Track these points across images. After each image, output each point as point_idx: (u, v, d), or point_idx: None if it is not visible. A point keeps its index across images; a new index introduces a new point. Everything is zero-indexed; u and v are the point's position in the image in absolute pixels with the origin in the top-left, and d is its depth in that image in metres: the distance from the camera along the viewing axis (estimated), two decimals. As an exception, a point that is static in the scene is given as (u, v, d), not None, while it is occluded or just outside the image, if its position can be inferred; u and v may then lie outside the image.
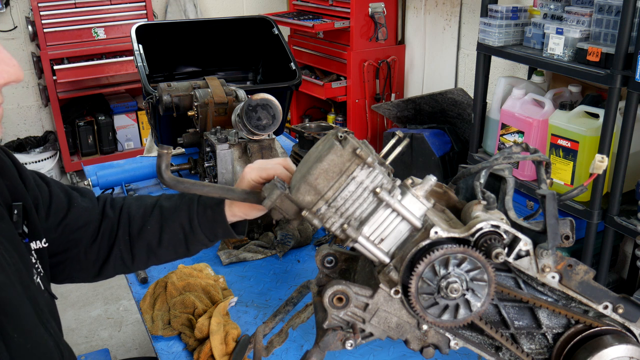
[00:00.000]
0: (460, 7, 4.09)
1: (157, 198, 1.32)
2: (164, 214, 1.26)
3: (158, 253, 1.29)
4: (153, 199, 1.33)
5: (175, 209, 1.26)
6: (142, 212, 1.28)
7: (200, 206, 1.24)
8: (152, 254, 1.29)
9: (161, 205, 1.28)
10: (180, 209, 1.25)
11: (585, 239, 2.67)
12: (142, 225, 1.27)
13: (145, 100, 2.42)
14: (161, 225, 1.26)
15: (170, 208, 1.27)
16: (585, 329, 0.99)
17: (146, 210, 1.28)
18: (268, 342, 1.14)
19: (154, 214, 1.27)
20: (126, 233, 1.27)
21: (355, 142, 0.94)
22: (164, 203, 1.29)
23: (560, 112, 2.68)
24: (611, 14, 2.45)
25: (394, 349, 1.48)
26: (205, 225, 1.24)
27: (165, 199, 1.31)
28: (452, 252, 0.89)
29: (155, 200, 1.31)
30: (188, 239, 1.26)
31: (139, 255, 1.29)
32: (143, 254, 1.29)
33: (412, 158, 3.79)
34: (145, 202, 1.31)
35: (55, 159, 5.02)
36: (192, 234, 1.25)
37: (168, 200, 1.29)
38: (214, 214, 1.23)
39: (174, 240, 1.26)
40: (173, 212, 1.26)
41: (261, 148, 1.85)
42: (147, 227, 1.26)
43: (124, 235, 1.27)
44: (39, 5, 4.48)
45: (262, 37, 2.97)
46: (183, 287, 1.63)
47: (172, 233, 1.25)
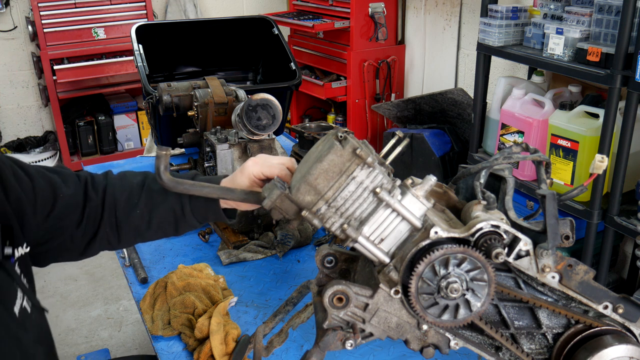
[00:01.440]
0: (460, 7, 4.09)
1: (143, 177, 1.28)
2: (153, 198, 1.24)
3: (146, 235, 1.27)
4: (138, 177, 1.28)
5: (165, 192, 1.22)
6: (128, 195, 1.24)
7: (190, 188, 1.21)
8: (140, 235, 1.27)
9: (150, 188, 1.25)
10: (170, 193, 1.21)
11: (585, 239, 2.67)
12: (130, 209, 1.24)
13: (145, 100, 2.42)
14: (150, 210, 1.23)
15: (159, 191, 1.23)
16: (585, 329, 0.99)
17: (132, 193, 1.25)
18: (268, 342, 1.14)
19: (143, 197, 1.24)
20: (112, 216, 1.24)
21: (355, 142, 0.94)
22: (152, 185, 1.25)
23: (560, 112, 2.68)
24: (611, 14, 2.45)
25: (394, 349, 1.48)
26: (197, 210, 1.23)
27: (152, 180, 1.26)
28: (452, 252, 0.89)
29: (142, 180, 1.27)
30: (178, 222, 1.25)
31: (125, 236, 1.26)
32: (130, 235, 1.26)
33: (412, 158, 3.79)
34: (131, 183, 1.26)
35: (55, 159, 5.02)
36: (183, 218, 1.24)
37: (156, 182, 1.24)
38: (207, 200, 1.22)
39: (164, 224, 1.25)
40: (163, 196, 1.23)
41: (261, 148, 1.85)
42: (136, 211, 1.23)
43: (110, 218, 1.24)
44: (39, 5, 4.48)
45: (262, 37, 2.97)
46: (183, 287, 1.63)
47: (163, 217, 1.24)
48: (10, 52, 4.88)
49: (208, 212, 1.24)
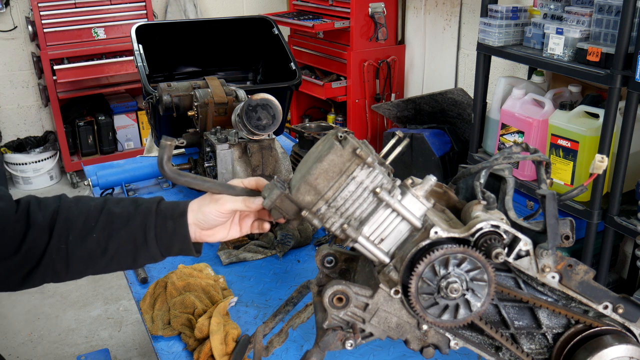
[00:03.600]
0: (460, 7, 4.09)
1: (103, 201, 1.15)
2: (113, 222, 1.10)
3: (99, 264, 1.13)
4: (98, 201, 1.15)
5: (127, 216, 1.11)
6: (85, 218, 1.11)
7: (159, 217, 1.11)
8: (92, 264, 1.12)
9: (110, 211, 1.11)
10: (133, 218, 1.10)
11: (585, 239, 2.67)
12: (85, 234, 1.10)
13: (145, 100, 2.42)
14: (109, 235, 1.10)
15: (121, 215, 1.11)
16: (585, 329, 0.99)
17: (90, 215, 1.11)
18: (268, 342, 1.14)
19: (101, 220, 1.10)
20: (62, 241, 1.09)
21: (355, 142, 0.94)
22: (113, 208, 1.12)
23: (560, 112, 2.68)
24: (611, 14, 2.45)
25: (394, 349, 1.48)
26: (162, 239, 1.11)
27: (114, 203, 1.14)
28: (452, 252, 0.89)
29: (102, 203, 1.14)
30: (138, 252, 1.11)
31: (75, 265, 1.11)
32: (81, 264, 1.12)
33: (412, 158, 3.79)
34: (88, 206, 1.13)
35: (55, 159, 5.02)
36: (144, 247, 1.11)
37: (118, 205, 1.13)
38: (175, 226, 1.10)
39: (121, 252, 1.11)
40: (125, 220, 1.10)
41: (261, 148, 1.85)
42: (92, 235, 1.10)
43: (60, 244, 1.09)
44: (39, 5, 4.48)
45: (262, 37, 2.97)
46: (183, 287, 1.63)
47: (121, 244, 1.10)
48: (10, 52, 4.88)
49: (174, 242, 1.12)
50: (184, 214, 1.11)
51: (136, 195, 2.33)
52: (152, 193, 2.36)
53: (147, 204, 1.13)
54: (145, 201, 1.14)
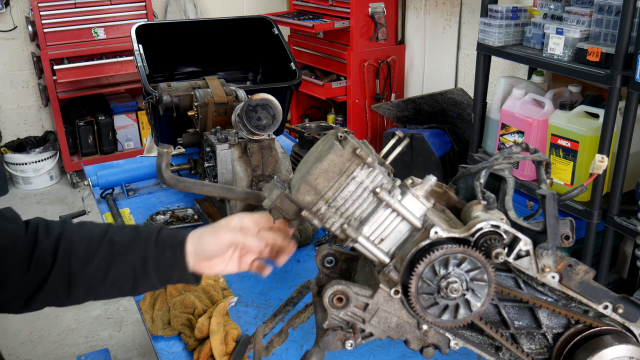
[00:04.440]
0: (460, 7, 4.09)
1: (105, 228, 1.16)
2: (114, 250, 1.12)
3: (99, 291, 1.14)
4: (100, 227, 1.17)
5: (128, 245, 1.12)
6: (87, 244, 1.12)
7: (158, 246, 1.12)
8: (93, 291, 1.14)
9: (111, 239, 1.13)
10: (133, 246, 1.12)
11: (585, 239, 2.67)
12: (87, 259, 1.11)
13: (145, 100, 2.42)
14: (110, 262, 1.11)
15: (122, 243, 1.13)
16: (585, 329, 0.99)
17: (92, 242, 1.13)
18: (268, 342, 1.14)
19: (102, 247, 1.12)
20: (66, 265, 1.11)
21: (355, 142, 0.94)
22: (114, 236, 1.14)
23: (560, 112, 2.68)
24: (611, 14, 2.45)
25: (394, 349, 1.48)
26: (161, 268, 1.12)
27: (115, 231, 1.15)
28: (452, 252, 0.89)
29: (104, 230, 1.15)
30: (138, 280, 1.13)
31: (77, 291, 1.13)
32: (82, 290, 1.13)
33: (412, 158, 3.78)
34: (91, 232, 1.15)
35: (55, 159, 5.02)
36: (144, 276, 1.12)
37: (119, 233, 1.14)
38: (174, 256, 1.11)
39: (121, 280, 1.13)
40: (125, 248, 1.12)
41: (261, 148, 1.85)
42: (94, 262, 1.11)
43: (63, 268, 1.11)
44: (39, 5, 4.48)
45: (262, 37, 2.97)
46: (183, 287, 1.64)
47: (121, 272, 1.12)
48: (10, 52, 4.88)
49: (173, 272, 1.13)
50: (182, 244, 1.11)
51: (136, 196, 2.33)
52: (152, 193, 2.36)
53: (148, 232, 1.14)
54: (146, 229, 1.15)
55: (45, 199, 4.80)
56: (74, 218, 2.37)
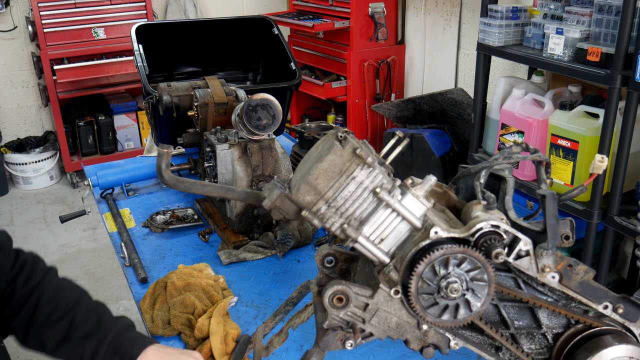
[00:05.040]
0: (460, 7, 4.09)
1: (76, 299, 1.20)
2: (72, 330, 1.15)
3: (48, 355, 1.19)
4: (73, 296, 1.20)
5: (86, 334, 1.15)
6: (51, 309, 1.17)
7: (109, 348, 1.14)
8: (43, 352, 1.20)
9: (73, 319, 1.16)
10: (89, 338, 1.15)
11: (585, 239, 2.67)
12: (45, 325, 1.16)
13: (145, 100, 2.42)
14: (63, 338, 1.16)
15: (80, 328, 1.15)
16: (585, 329, 0.99)
17: (56, 310, 1.17)
18: (268, 342, 1.15)
19: (63, 322, 1.16)
20: (26, 320, 1.17)
21: (355, 142, 0.94)
22: (78, 315, 1.16)
23: (560, 112, 2.68)
24: (611, 14, 2.45)
25: (394, 349, 1.48)
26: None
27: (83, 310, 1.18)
28: (452, 252, 0.89)
29: (74, 302, 1.18)
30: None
31: (29, 343, 1.20)
32: (34, 346, 1.20)
33: (412, 158, 3.78)
34: (60, 300, 1.18)
35: (55, 159, 5.02)
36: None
37: (85, 315, 1.17)
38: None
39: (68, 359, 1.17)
40: (83, 335, 1.15)
41: (261, 148, 1.85)
42: (49, 332, 1.16)
43: (24, 320, 1.17)
44: (39, 5, 4.48)
45: (262, 37, 2.97)
46: (183, 287, 1.63)
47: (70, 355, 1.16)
48: (10, 52, 4.88)
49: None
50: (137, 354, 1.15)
51: (136, 196, 2.33)
52: (152, 193, 2.36)
53: (108, 328, 1.17)
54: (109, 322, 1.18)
55: (45, 199, 4.80)
56: (74, 218, 2.38)
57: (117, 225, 2.09)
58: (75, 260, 3.99)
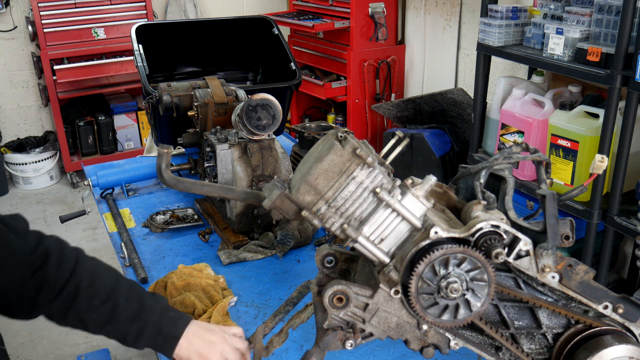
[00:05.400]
0: (460, 7, 4.09)
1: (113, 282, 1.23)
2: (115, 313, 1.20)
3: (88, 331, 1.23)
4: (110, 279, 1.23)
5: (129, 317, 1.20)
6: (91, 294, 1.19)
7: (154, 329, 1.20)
8: (83, 328, 1.23)
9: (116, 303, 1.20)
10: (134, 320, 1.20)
11: (585, 239, 2.67)
12: (87, 310, 1.19)
13: (145, 100, 2.42)
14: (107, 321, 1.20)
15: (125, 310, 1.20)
16: (585, 329, 0.99)
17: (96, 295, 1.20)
18: (268, 342, 1.15)
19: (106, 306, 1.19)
20: (64, 306, 1.19)
21: (355, 142, 0.94)
22: (120, 299, 1.20)
23: (560, 112, 2.67)
24: (611, 14, 2.45)
25: (394, 349, 1.48)
26: (149, 344, 1.22)
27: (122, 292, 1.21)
28: (452, 252, 0.89)
29: (112, 286, 1.22)
30: (125, 342, 1.23)
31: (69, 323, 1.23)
32: (75, 325, 1.22)
33: (412, 158, 3.78)
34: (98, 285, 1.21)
35: (55, 159, 5.02)
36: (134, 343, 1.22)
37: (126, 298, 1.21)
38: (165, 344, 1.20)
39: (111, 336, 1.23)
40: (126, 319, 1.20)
41: (261, 148, 1.85)
42: (92, 315, 1.20)
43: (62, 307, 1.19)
44: (39, 5, 4.48)
45: (262, 37, 2.97)
46: (183, 287, 1.63)
47: (114, 333, 1.22)
48: (10, 52, 4.88)
49: (158, 349, 1.23)
50: (177, 339, 1.20)
51: (136, 196, 2.33)
52: (152, 193, 2.36)
53: (150, 309, 1.21)
54: (149, 304, 1.22)
55: (45, 199, 4.80)
56: (74, 218, 2.38)
57: (117, 225, 2.09)
58: (75, 260, 3.99)
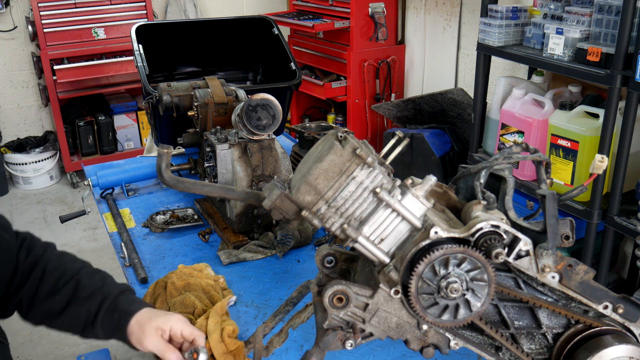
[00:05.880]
0: (460, 7, 4.09)
1: (79, 268, 1.27)
2: (77, 291, 1.22)
3: (53, 322, 1.25)
4: (76, 266, 1.27)
5: (91, 292, 1.22)
6: (57, 277, 1.23)
7: (112, 303, 1.22)
8: (47, 320, 1.25)
9: (79, 280, 1.23)
10: (95, 295, 1.22)
11: (585, 239, 2.67)
12: (51, 292, 1.22)
13: (145, 100, 2.42)
14: (69, 301, 1.22)
15: (86, 287, 1.22)
16: (585, 329, 0.99)
17: (62, 277, 1.23)
18: (268, 342, 1.14)
19: (68, 285, 1.22)
20: (32, 290, 1.23)
21: (355, 142, 0.94)
22: (83, 279, 1.24)
23: (560, 112, 2.68)
24: (611, 14, 2.45)
25: (394, 349, 1.48)
26: (106, 325, 1.22)
27: (86, 274, 1.25)
28: (452, 252, 0.89)
29: (78, 269, 1.26)
30: (86, 327, 1.23)
31: (33, 314, 1.25)
32: (38, 315, 1.25)
33: (412, 158, 3.78)
34: (65, 268, 1.25)
35: (55, 159, 5.02)
36: (92, 326, 1.22)
37: (89, 278, 1.25)
38: (120, 319, 1.21)
39: (74, 321, 1.23)
40: (88, 294, 1.22)
41: (261, 148, 1.85)
42: (56, 298, 1.22)
43: (30, 291, 1.23)
44: (39, 5, 4.48)
45: (262, 37, 2.97)
46: (183, 287, 1.63)
47: (76, 314, 1.22)
48: (10, 52, 4.88)
49: (116, 331, 1.22)
50: (132, 312, 1.21)
51: (136, 196, 2.33)
52: (152, 193, 2.36)
53: (112, 287, 1.24)
54: (113, 284, 1.25)
55: (45, 199, 4.80)
56: (74, 218, 2.38)
57: (117, 225, 2.09)
58: (75, 260, 3.99)
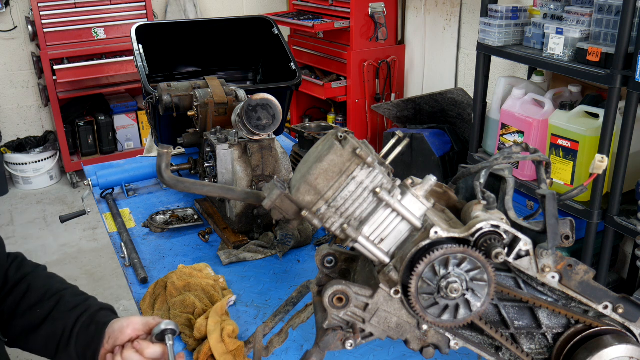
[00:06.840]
0: (460, 7, 4.09)
1: (67, 287, 1.29)
2: (59, 306, 1.23)
3: (29, 338, 1.24)
4: (63, 285, 1.29)
5: (72, 308, 1.23)
6: (42, 293, 1.24)
7: (89, 318, 1.22)
8: (24, 336, 1.24)
9: (63, 296, 1.24)
10: (74, 310, 1.22)
11: (585, 239, 2.67)
12: (33, 306, 1.23)
13: (145, 100, 2.42)
14: (48, 315, 1.22)
15: (69, 304, 1.23)
16: (585, 329, 0.99)
17: (47, 294, 1.24)
18: (268, 342, 1.14)
19: (51, 301, 1.23)
20: (14, 303, 1.23)
21: (355, 142, 0.94)
22: (67, 296, 1.25)
23: (560, 112, 2.68)
24: (611, 14, 2.45)
25: (394, 349, 1.48)
26: (81, 339, 1.21)
27: (72, 293, 1.27)
28: (452, 252, 0.89)
29: (64, 288, 1.27)
30: (60, 345, 1.22)
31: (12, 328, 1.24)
32: (17, 329, 1.24)
33: (412, 158, 3.78)
34: (51, 286, 1.27)
35: (55, 159, 5.02)
36: (67, 343, 1.21)
37: (73, 296, 1.26)
38: (96, 331, 1.20)
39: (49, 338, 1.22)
40: (69, 309, 1.23)
41: (261, 148, 1.85)
42: (37, 311, 1.22)
43: (13, 303, 1.24)
44: (39, 5, 4.48)
45: (262, 37, 2.96)
46: (183, 287, 1.63)
47: (52, 330, 1.22)
48: (10, 52, 4.88)
49: (89, 346, 1.21)
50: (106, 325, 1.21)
51: (136, 196, 2.33)
52: (152, 193, 2.36)
53: (93, 305, 1.25)
54: (95, 303, 1.26)
55: (45, 199, 4.80)
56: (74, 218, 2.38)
57: (117, 225, 2.09)
58: (75, 260, 3.99)
